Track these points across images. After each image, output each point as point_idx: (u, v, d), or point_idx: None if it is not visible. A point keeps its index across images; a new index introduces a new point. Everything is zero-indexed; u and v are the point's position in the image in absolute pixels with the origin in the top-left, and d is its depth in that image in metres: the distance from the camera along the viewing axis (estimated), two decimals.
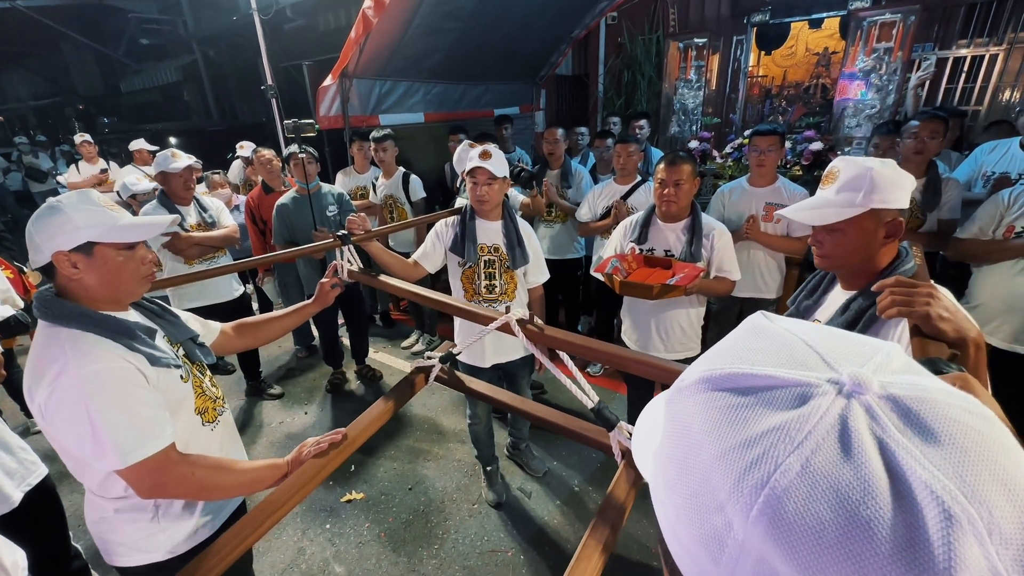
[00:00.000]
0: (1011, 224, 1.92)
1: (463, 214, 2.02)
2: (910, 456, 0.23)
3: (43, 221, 1.00)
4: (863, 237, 1.09)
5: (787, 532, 0.23)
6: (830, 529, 0.22)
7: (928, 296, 0.76)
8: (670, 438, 0.31)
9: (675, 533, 0.30)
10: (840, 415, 0.25)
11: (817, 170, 3.73)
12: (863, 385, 0.25)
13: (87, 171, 5.63)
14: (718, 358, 0.31)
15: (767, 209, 2.45)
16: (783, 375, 0.27)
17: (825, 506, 0.23)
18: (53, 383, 0.96)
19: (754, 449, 0.25)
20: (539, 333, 1.06)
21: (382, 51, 3.67)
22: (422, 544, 2.18)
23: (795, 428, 0.25)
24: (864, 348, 0.29)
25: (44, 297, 1.04)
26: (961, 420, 0.24)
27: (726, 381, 0.29)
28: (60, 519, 1.72)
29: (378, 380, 3.46)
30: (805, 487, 0.23)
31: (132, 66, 11.92)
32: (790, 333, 0.30)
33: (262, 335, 1.49)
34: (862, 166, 1.07)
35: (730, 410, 0.27)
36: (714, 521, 0.26)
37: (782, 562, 0.23)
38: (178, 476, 1.04)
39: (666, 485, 0.30)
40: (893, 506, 0.22)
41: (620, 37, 5.72)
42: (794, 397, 0.26)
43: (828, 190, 1.12)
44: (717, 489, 0.26)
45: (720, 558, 0.26)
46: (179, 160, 2.53)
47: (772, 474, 0.24)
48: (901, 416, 0.25)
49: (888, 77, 4.02)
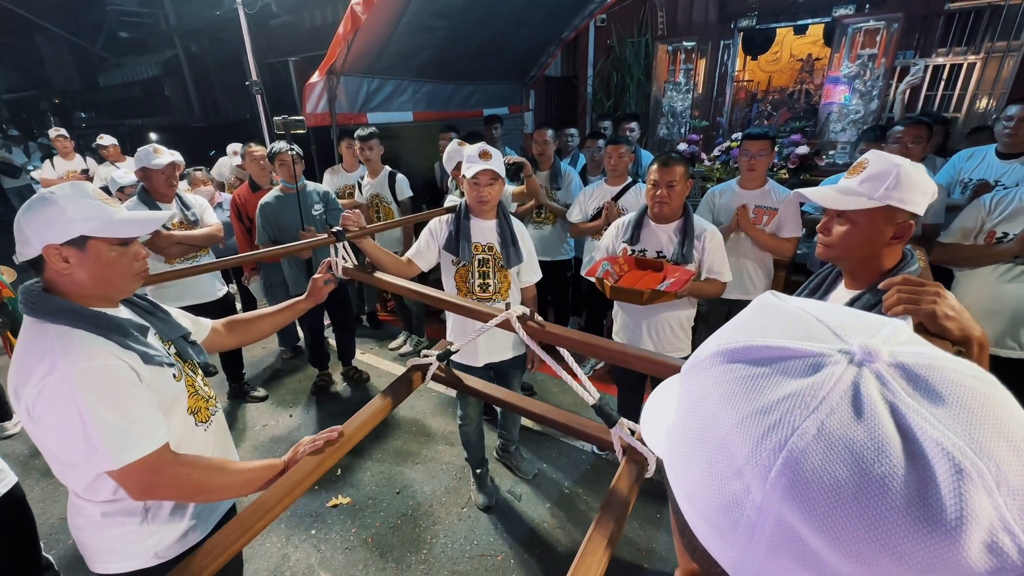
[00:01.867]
0: (992, 229, 1.96)
1: (457, 213, 2.00)
2: (920, 417, 0.24)
3: (35, 212, 0.96)
4: (871, 231, 1.09)
5: (805, 492, 0.24)
6: (846, 487, 0.23)
7: (935, 295, 0.78)
8: (686, 410, 0.32)
9: (692, 502, 0.30)
10: (852, 381, 0.26)
11: (804, 173, 3.79)
12: (873, 354, 0.26)
13: (63, 167, 5.47)
14: (732, 334, 0.31)
15: (756, 212, 2.47)
16: (796, 346, 0.28)
17: (841, 465, 0.24)
18: (42, 381, 0.92)
19: (771, 415, 0.26)
20: (540, 329, 1.04)
21: (371, 48, 3.62)
22: (410, 549, 2.14)
23: (810, 394, 0.26)
24: (872, 322, 0.30)
25: (31, 291, 0.99)
26: (966, 384, 0.25)
27: (741, 354, 0.29)
28: (30, 528, 1.65)
29: (365, 382, 3.41)
30: (821, 448, 0.24)
31: (111, 60, 11.61)
32: (800, 309, 0.31)
33: (253, 332, 1.45)
34: (891, 162, 1.07)
35: (746, 380, 0.28)
36: (733, 486, 0.27)
37: (801, 521, 0.24)
38: (172, 477, 1.00)
39: (682, 456, 0.31)
40: (905, 463, 0.23)
41: (609, 39, 5.75)
42: (808, 366, 0.27)
43: (853, 180, 1.11)
44: (735, 455, 0.27)
45: (739, 522, 0.27)
46: (161, 156, 2.46)
47: (789, 437, 0.25)
48: (910, 381, 0.26)
49: (872, 83, 4.10)
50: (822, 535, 0.24)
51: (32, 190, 6.86)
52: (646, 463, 0.95)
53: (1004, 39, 3.84)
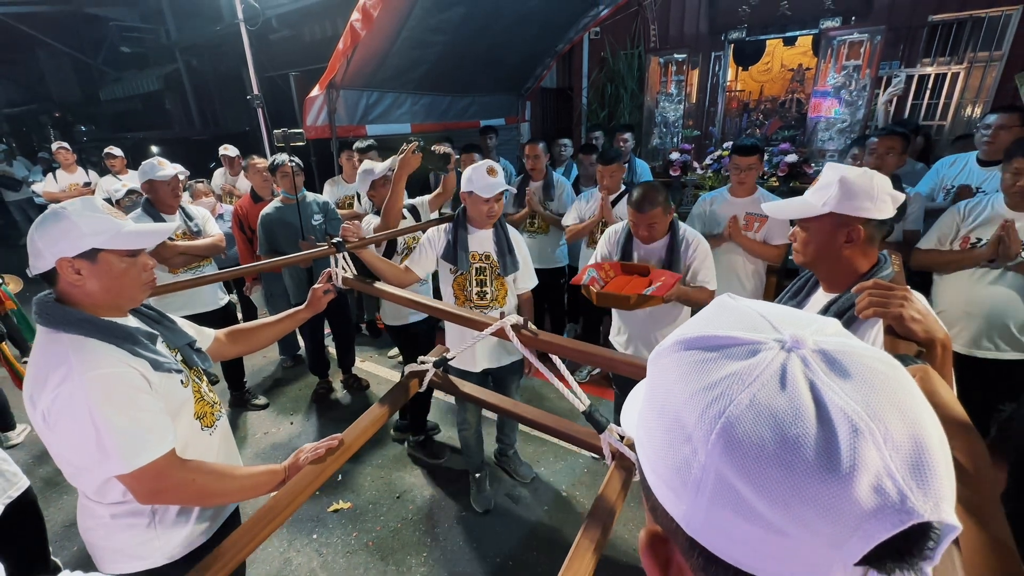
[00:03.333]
0: (966, 235, 2.03)
1: (455, 222, 2.06)
2: (831, 390, 0.29)
3: (47, 227, 1.00)
4: (821, 236, 1.20)
5: (738, 450, 0.29)
6: (769, 445, 0.29)
7: (902, 299, 0.82)
8: (651, 390, 0.38)
9: (654, 468, 0.35)
10: (782, 364, 0.31)
11: (793, 181, 3.87)
12: (800, 342, 0.32)
13: (65, 179, 5.53)
14: (691, 327, 0.37)
15: (747, 219, 2.54)
16: (740, 335, 0.34)
17: (766, 428, 0.29)
18: (57, 388, 0.97)
19: (715, 390, 0.31)
20: (533, 338, 1.09)
21: (369, 62, 3.71)
22: (411, 552, 2.18)
23: (746, 373, 0.31)
24: (805, 318, 0.36)
25: (45, 303, 1.04)
26: (871, 366, 0.31)
27: (696, 342, 0.35)
28: (40, 531, 1.69)
29: (364, 389, 3.45)
30: (751, 415, 0.30)
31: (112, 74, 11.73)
32: (749, 308, 0.37)
33: (255, 341, 1.49)
34: (837, 173, 1.16)
35: (698, 363, 0.34)
36: (683, 450, 0.32)
37: (735, 475, 0.29)
38: (178, 482, 1.04)
39: (647, 429, 0.37)
40: (817, 426, 0.28)
41: (603, 52, 5.85)
42: (747, 351, 0.33)
43: (808, 191, 1.23)
44: (686, 423, 0.32)
45: (688, 479, 0.32)
46: (166, 168, 2.53)
47: (727, 407, 0.30)
48: (827, 363, 0.31)
49: (857, 93, 4.20)
50: (751, 486, 0.29)
51: (33, 203, 6.91)
52: (634, 468, 0.99)
53: (986, 49, 3.94)
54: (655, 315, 2.10)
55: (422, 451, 2.74)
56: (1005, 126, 2.39)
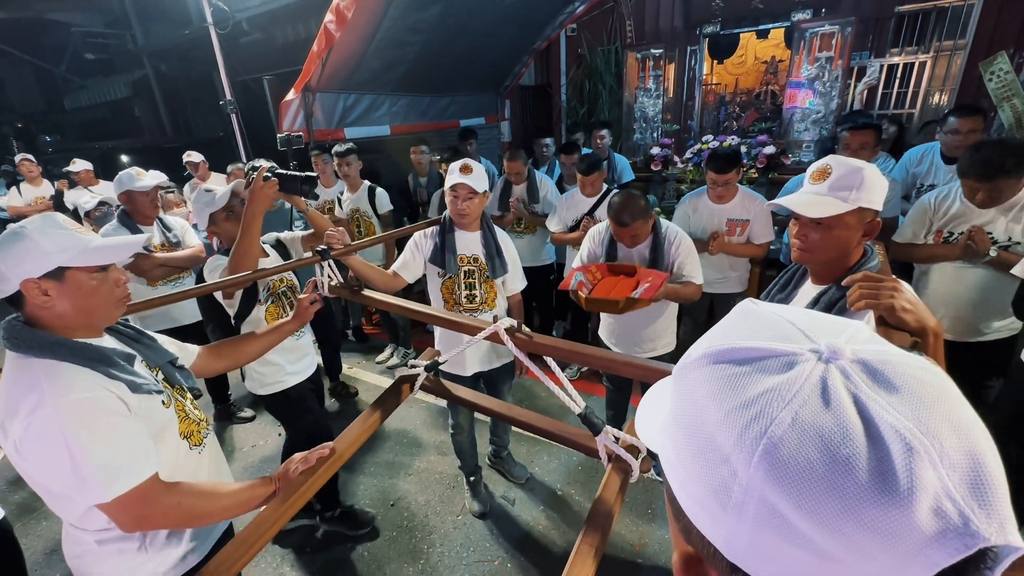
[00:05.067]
0: (940, 229, 2.07)
1: (442, 226, 2.04)
2: (877, 405, 0.28)
3: (7, 249, 0.94)
4: (846, 232, 1.14)
5: (783, 473, 0.28)
6: (817, 467, 0.27)
7: (892, 290, 0.82)
8: (678, 408, 0.35)
9: (686, 490, 0.34)
10: (821, 376, 0.29)
11: (772, 172, 3.94)
12: (838, 352, 0.30)
13: (30, 193, 5.32)
14: (717, 338, 0.35)
15: (729, 225, 2.57)
16: (773, 347, 0.32)
17: (813, 449, 0.27)
18: (29, 417, 0.91)
19: (752, 408, 0.30)
20: (528, 341, 1.08)
21: (345, 64, 3.65)
22: (407, 560, 2.16)
23: (785, 388, 0.29)
24: (836, 324, 0.34)
25: (12, 327, 0.99)
26: (916, 375, 0.29)
27: (725, 355, 0.33)
28: (17, 561, 1.62)
29: (353, 396, 3.41)
30: (796, 435, 0.28)
31: (76, 81, 11.36)
32: (775, 314, 0.35)
33: (241, 356, 1.45)
34: (855, 165, 1.13)
35: (730, 378, 0.32)
36: (721, 472, 0.30)
37: (780, 498, 0.28)
38: (163, 506, 1.00)
39: (676, 449, 0.35)
40: (866, 444, 0.27)
41: (580, 48, 5.87)
42: (783, 364, 0.31)
43: (820, 186, 1.15)
44: (722, 444, 0.30)
45: (727, 503, 0.30)
46: (144, 179, 2.45)
47: (768, 427, 0.28)
48: (869, 375, 0.29)
49: (831, 84, 4.28)
50: (798, 509, 0.27)
51: None
52: (631, 470, 0.98)
53: (951, 38, 4.05)
54: (643, 312, 2.10)
55: (343, 525, 2.30)
56: (967, 131, 2.46)
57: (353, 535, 2.28)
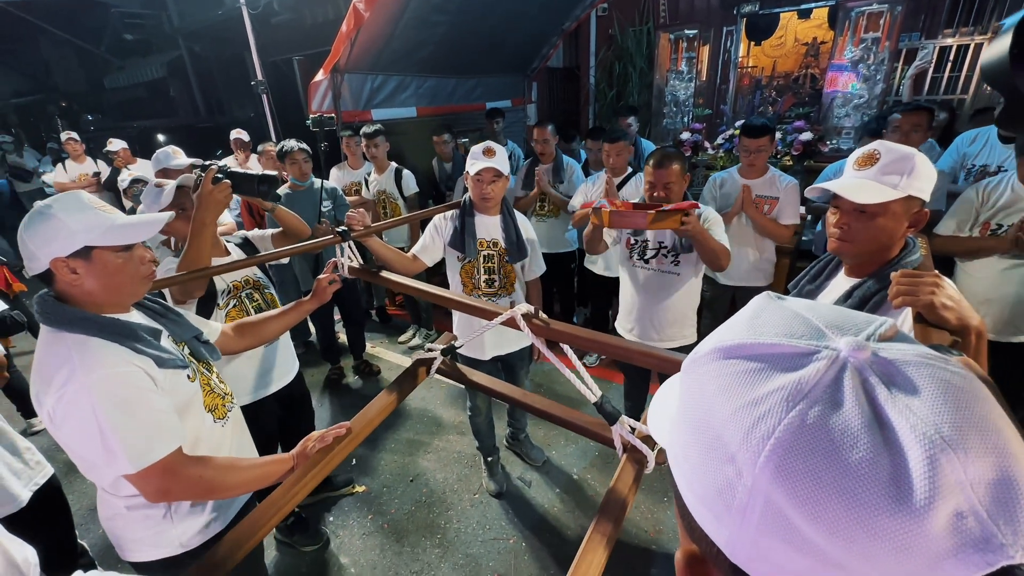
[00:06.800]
0: (986, 221, 1.96)
1: (462, 209, 2.03)
2: (895, 408, 0.26)
3: (35, 228, 0.98)
4: (892, 222, 1.08)
5: (790, 475, 0.26)
6: (827, 472, 0.26)
7: (933, 285, 0.78)
8: (686, 403, 0.34)
9: (691, 487, 0.33)
10: (836, 376, 0.28)
11: (807, 160, 3.79)
12: (857, 350, 0.29)
13: (75, 170, 5.55)
14: (729, 331, 0.34)
15: (758, 201, 2.49)
16: (787, 343, 0.30)
17: (822, 452, 0.26)
18: (61, 389, 0.96)
19: (761, 406, 0.28)
20: (544, 327, 1.08)
21: (373, 45, 3.65)
22: (425, 534, 2.22)
23: (796, 388, 0.28)
24: (859, 320, 0.32)
25: (45, 302, 1.03)
26: (941, 377, 0.27)
27: (736, 350, 0.32)
28: (66, 517, 1.74)
29: (376, 375, 3.49)
30: (805, 436, 0.26)
31: (116, 62, 11.68)
32: (793, 309, 0.33)
33: (263, 334, 1.49)
34: (905, 151, 1.06)
35: (740, 375, 0.30)
36: (726, 471, 0.29)
37: (786, 501, 0.26)
38: (186, 479, 1.04)
39: (683, 444, 0.34)
40: (882, 450, 0.25)
41: (611, 29, 5.71)
42: (796, 362, 0.29)
43: (867, 171, 1.08)
44: (728, 442, 0.29)
45: (732, 503, 0.29)
46: (180, 157, 2.53)
47: (776, 427, 0.27)
48: (890, 375, 0.28)
49: (876, 67, 4.07)
50: (804, 514, 0.26)
51: (44, 194, 6.96)
52: (646, 460, 0.98)
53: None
54: (664, 288, 2.05)
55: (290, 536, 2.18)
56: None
57: (301, 549, 2.13)
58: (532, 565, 2.05)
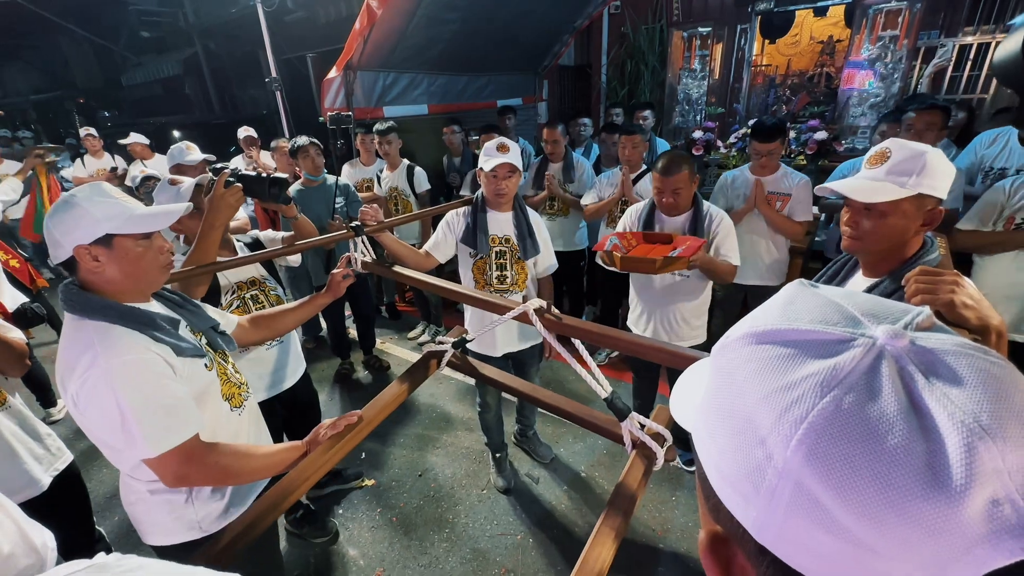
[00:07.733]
0: (1011, 215, 1.93)
1: (474, 205, 2.04)
2: (933, 397, 0.26)
3: (60, 216, 1.01)
4: (903, 221, 1.07)
5: (822, 459, 0.27)
6: (859, 456, 0.26)
7: (952, 284, 0.78)
8: (716, 386, 0.34)
9: (719, 470, 0.33)
10: (872, 363, 0.28)
11: (822, 159, 3.75)
12: (895, 338, 0.29)
13: (93, 165, 5.64)
14: (762, 317, 0.34)
15: (770, 198, 2.47)
16: (822, 329, 0.30)
17: (857, 438, 0.26)
18: (84, 375, 0.99)
19: (794, 391, 0.28)
20: (557, 322, 1.08)
21: (386, 43, 3.67)
22: (433, 528, 2.24)
23: (832, 374, 0.28)
24: (895, 309, 0.32)
25: (69, 290, 1.06)
26: (980, 367, 0.27)
27: (770, 336, 0.32)
28: (85, 503, 1.78)
29: (386, 370, 3.51)
30: (839, 422, 0.27)
31: (133, 59, 11.87)
32: (828, 296, 0.33)
33: (277, 326, 1.52)
34: (917, 149, 1.05)
35: (773, 360, 0.30)
36: (756, 454, 0.30)
37: (818, 486, 0.27)
38: (204, 464, 1.07)
39: (710, 427, 0.34)
40: (917, 436, 0.25)
41: (623, 26, 5.68)
42: (831, 348, 0.29)
43: (877, 170, 1.08)
44: (760, 425, 0.29)
45: (761, 485, 0.29)
46: (194, 153, 2.57)
47: (810, 412, 0.27)
48: (928, 364, 0.28)
49: (893, 65, 4.01)
50: (836, 497, 0.26)
51: (64, 189, 7.09)
52: (655, 457, 0.98)
53: None
54: (675, 290, 2.08)
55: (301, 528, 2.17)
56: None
57: (312, 541, 2.14)
58: (539, 560, 2.06)
